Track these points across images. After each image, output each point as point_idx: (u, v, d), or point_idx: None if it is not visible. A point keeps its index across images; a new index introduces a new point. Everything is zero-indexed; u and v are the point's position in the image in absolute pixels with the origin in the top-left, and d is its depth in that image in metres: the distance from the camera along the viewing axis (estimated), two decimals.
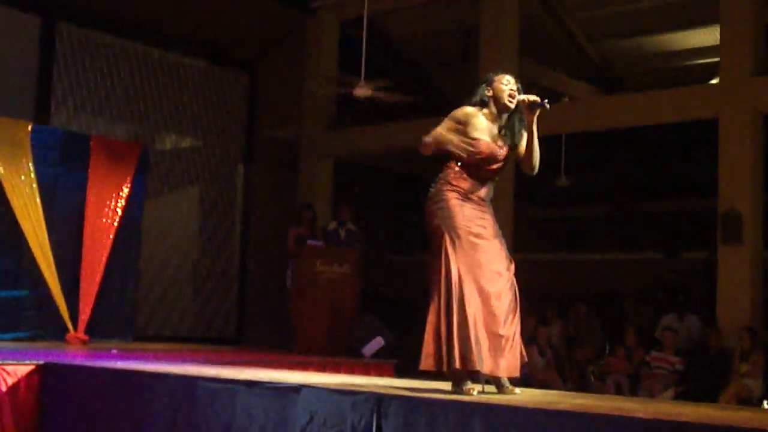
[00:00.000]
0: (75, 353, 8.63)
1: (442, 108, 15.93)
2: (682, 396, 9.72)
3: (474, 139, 4.90)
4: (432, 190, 4.99)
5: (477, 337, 4.67)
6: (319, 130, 14.45)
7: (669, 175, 15.58)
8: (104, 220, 11.15)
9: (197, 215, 14.12)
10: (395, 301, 15.18)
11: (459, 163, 4.93)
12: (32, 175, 10.50)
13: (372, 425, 4.42)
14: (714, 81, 12.34)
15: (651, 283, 14.04)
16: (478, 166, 4.93)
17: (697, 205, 14.06)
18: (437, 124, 5.04)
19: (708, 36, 13.14)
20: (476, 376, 4.74)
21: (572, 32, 13.94)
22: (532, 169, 5.05)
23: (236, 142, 14.57)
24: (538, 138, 4.99)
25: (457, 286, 4.71)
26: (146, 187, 12.13)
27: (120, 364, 6.60)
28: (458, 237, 4.80)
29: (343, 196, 13.87)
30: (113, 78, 12.95)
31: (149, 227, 12.68)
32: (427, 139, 4.96)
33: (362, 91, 11.62)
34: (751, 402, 9.54)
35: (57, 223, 10.77)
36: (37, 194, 10.50)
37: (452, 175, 4.95)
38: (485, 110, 5.00)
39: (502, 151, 4.98)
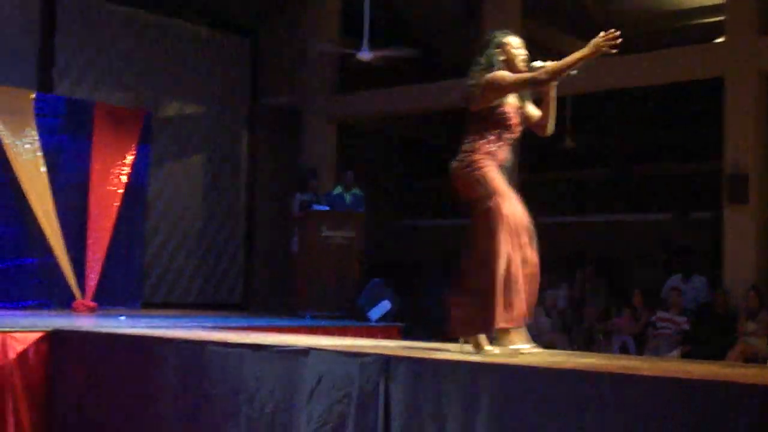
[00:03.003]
0: (83, 320, 8.66)
1: (445, 71, 15.92)
2: (688, 356, 9.75)
3: (507, 114, 4.89)
4: (464, 159, 4.90)
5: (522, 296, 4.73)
6: (322, 95, 14.41)
7: (675, 136, 15.52)
8: (109, 187, 11.17)
9: (202, 182, 14.11)
10: (401, 264, 15.20)
11: (493, 132, 4.88)
12: (36, 144, 10.51)
13: (380, 386, 4.44)
14: (719, 40, 12.25)
15: (657, 244, 14.03)
16: (507, 132, 4.91)
17: (703, 166, 14.01)
18: (439, 88, 5.02)
19: None
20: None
21: None
22: (548, 131, 5.03)
23: (239, 109, 14.53)
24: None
25: (515, 246, 4.72)
26: (151, 155, 12.12)
27: (128, 330, 6.63)
28: (508, 195, 4.78)
29: (347, 161, 13.86)
30: (115, 45, 12.90)
31: (154, 195, 12.70)
32: (546, 74, 4.76)
33: (365, 55, 11.57)
34: (757, 360, 9.56)
35: (62, 191, 10.78)
36: (41, 162, 10.52)
37: (489, 146, 4.88)
38: None
39: (522, 115, 4.97)
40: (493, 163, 4.86)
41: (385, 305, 10.57)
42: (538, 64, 4.84)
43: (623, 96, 14.02)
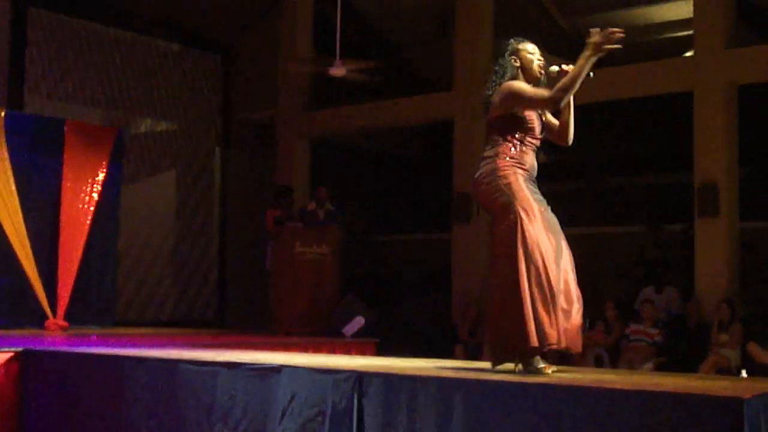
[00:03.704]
0: (54, 339, 8.58)
1: (418, 86, 15.94)
2: (661, 367, 9.79)
3: (530, 119, 4.80)
4: (489, 166, 4.74)
5: (559, 314, 4.53)
6: (295, 111, 14.40)
7: (647, 149, 15.62)
8: (81, 205, 11.09)
9: (175, 199, 14.07)
10: (375, 280, 15.19)
11: (516, 136, 4.75)
12: (6, 162, 10.41)
13: (353, 403, 4.43)
14: (688, 54, 12.37)
15: (630, 256, 14.09)
16: (530, 136, 4.80)
17: (675, 179, 14.10)
18: (413, 102, 4.98)
19: (681, 9, 13.16)
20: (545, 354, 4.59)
21: (546, 7, 13.94)
22: (569, 139, 4.94)
23: (212, 125, 14.52)
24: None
25: (540, 262, 4.52)
26: (123, 172, 12.06)
27: (99, 349, 6.57)
28: (533, 211, 4.61)
29: (321, 177, 13.85)
30: (86, 62, 12.86)
31: (127, 212, 12.63)
32: (559, 93, 4.64)
33: (338, 70, 11.58)
34: (730, 372, 9.62)
35: (33, 209, 10.69)
36: (12, 181, 10.42)
37: (513, 151, 4.75)
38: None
39: (543, 121, 4.89)
40: (519, 171, 4.71)
41: (360, 321, 10.55)
42: (555, 68, 4.78)
43: (595, 109, 14.11)
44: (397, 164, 17.85)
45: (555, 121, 4.96)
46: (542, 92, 4.71)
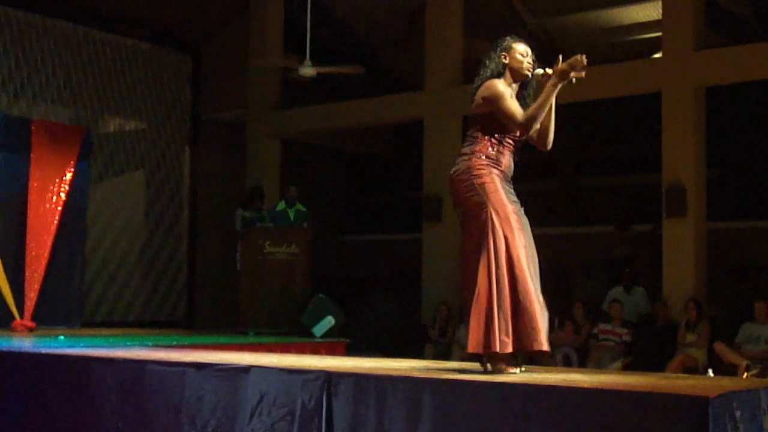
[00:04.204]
0: (21, 340, 8.51)
1: (388, 85, 15.92)
2: (629, 367, 9.86)
3: None
4: (465, 163, 4.70)
5: (540, 316, 4.49)
6: (265, 111, 14.37)
7: (616, 149, 15.73)
8: (48, 205, 10.97)
9: (143, 199, 13.99)
10: (345, 280, 15.19)
11: (495, 136, 4.70)
12: None
13: (322, 403, 4.42)
14: (657, 55, 12.46)
15: (599, 256, 14.20)
16: (509, 136, 4.74)
17: (644, 179, 14.21)
18: (383, 102, 4.94)
19: (650, 11, 13.26)
20: (514, 356, 4.53)
21: (516, 9, 13.99)
22: (548, 143, 4.88)
23: (181, 125, 14.44)
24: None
25: (514, 263, 4.49)
26: (90, 172, 11.96)
27: (66, 350, 6.52)
28: (506, 212, 4.57)
29: (291, 176, 13.82)
30: (54, 61, 12.75)
31: (95, 212, 12.54)
32: (529, 121, 4.62)
33: (308, 70, 11.56)
34: (697, 371, 9.71)
35: None
36: None
37: (491, 150, 4.70)
38: (502, 80, 4.76)
39: None
40: (495, 171, 4.67)
41: (329, 321, 10.54)
42: (539, 72, 4.76)
43: (563, 110, 14.17)
44: (367, 164, 17.86)
45: None
46: (517, 114, 4.65)
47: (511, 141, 4.77)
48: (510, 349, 4.46)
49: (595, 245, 14.58)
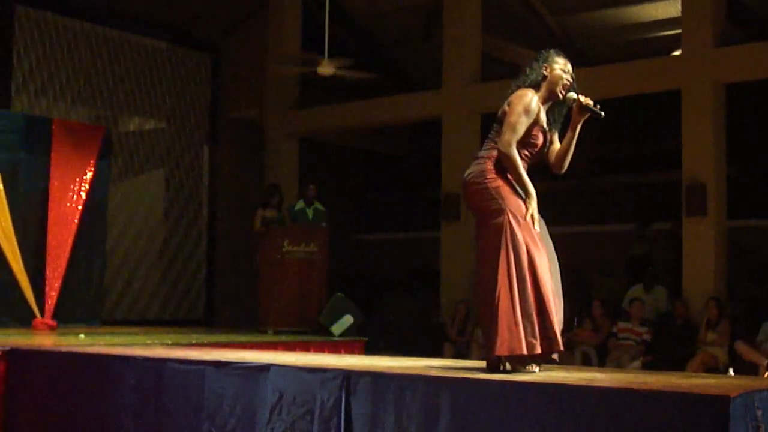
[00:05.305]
0: (42, 339, 8.56)
1: (405, 85, 15.90)
2: (649, 366, 9.81)
3: (535, 135, 4.70)
4: (479, 167, 4.68)
5: (555, 319, 4.53)
6: (283, 110, 14.40)
7: (633, 148, 15.66)
8: (68, 204, 11.05)
9: (163, 198, 14.04)
10: (363, 279, 15.19)
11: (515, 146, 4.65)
12: None
13: (341, 402, 4.42)
14: (676, 53, 12.40)
15: (618, 255, 14.13)
16: (529, 148, 4.72)
17: (664, 177, 14.14)
18: (400, 101, 4.91)
19: (669, 8, 13.19)
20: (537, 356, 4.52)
21: (534, 7, 13.95)
22: (563, 168, 4.89)
23: (200, 124, 14.48)
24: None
25: (530, 266, 4.48)
26: (110, 171, 12.02)
27: (86, 349, 6.55)
28: (522, 216, 4.54)
29: (309, 175, 13.84)
30: (74, 61, 12.82)
31: (115, 211, 12.60)
32: (510, 157, 4.60)
33: (326, 69, 11.57)
34: (717, 370, 9.66)
35: (20, 208, 10.65)
36: None
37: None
38: (538, 93, 4.72)
39: (547, 140, 4.81)
40: (509, 177, 4.63)
41: (348, 320, 10.55)
42: (573, 95, 4.73)
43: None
44: (385, 163, 17.86)
45: (556, 145, 4.89)
46: (512, 138, 4.60)
47: (528, 154, 4.73)
48: (539, 351, 4.45)
49: (614, 244, 14.50)
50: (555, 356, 4.64)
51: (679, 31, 11.98)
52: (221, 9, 14.26)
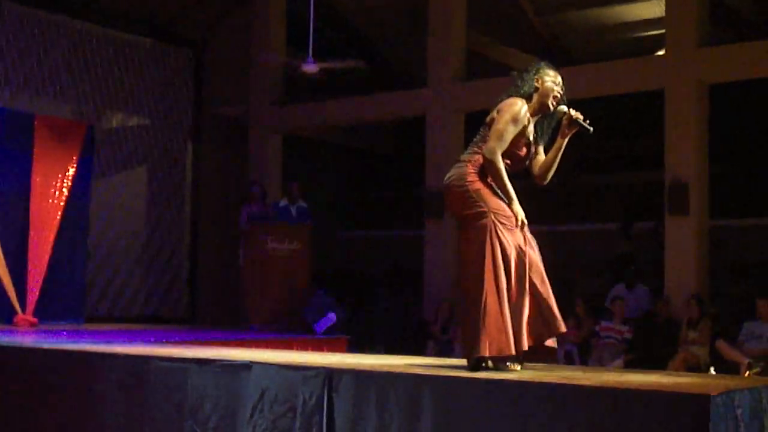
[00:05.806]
0: (23, 335, 8.52)
1: (390, 82, 15.88)
2: (631, 364, 9.85)
3: (520, 146, 4.74)
4: (459, 170, 4.72)
5: (542, 315, 4.56)
6: (267, 107, 14.36)
7: (616, 147, 15.70)
8: (51, 200, 10.99)
9: (145, 194, 13.98)
10: (347, 277, 15.18)
11: None
12: None
13: (323, 399, 4.43)
14: (660, 53, 12.44)
15: (601, 254, 14.18)
16: (511, 158, 4.75)
17: (644, 177, 14.19)
18: (385, 99, 4.93)
19: (653, 8, 13.24)
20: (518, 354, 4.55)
21: (520, 5, 13.97)
22: (546, 180, 4.93)
23: (183, 120, 14.43)
24: None
25: (516, 265, 4.53)
26: (93, 167, 11.97)
27: (68, 345, 6.53)
28: (505, 215, 4.59)
29: (293, 172, 13.82)
30: (57, 56, 12.74)
31: (97, 207, 12.53)
32: (493, 164, 4.63)
33: (310, 66, 11.56)
34: (699, 368, 9.69)
35: (2, 204, 10.59)
36: None
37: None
38: (529, 104, 4.76)
39: (531, 152, 4.85)
40: (487, 180, 4.66)
41: (331, 317, 10.54)
42: (563, 108, 4.79)
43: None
44: (369, 160, 17.85)
45: (542, 156, 4.92)
46: (497, 146, 4.64)
47: (509, 163, 4.74)
48: (526, 347, 4.50)
49: (597, 242, 14.55)
50: (552, 341, 4.66)
51: (662, 31, 12.02)
52: (205, 4, 14.22)
